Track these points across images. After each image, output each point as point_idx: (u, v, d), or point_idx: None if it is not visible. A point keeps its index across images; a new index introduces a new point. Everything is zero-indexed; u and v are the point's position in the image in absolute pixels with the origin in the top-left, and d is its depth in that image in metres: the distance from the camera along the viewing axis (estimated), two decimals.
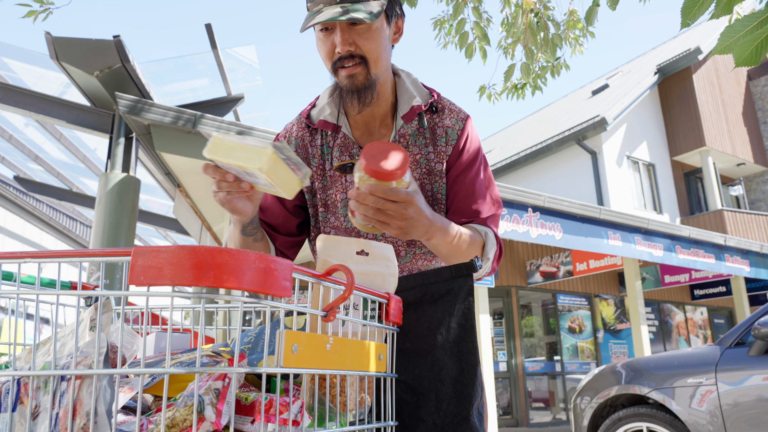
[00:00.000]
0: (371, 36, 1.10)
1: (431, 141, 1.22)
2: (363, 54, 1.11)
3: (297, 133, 1.26)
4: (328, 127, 1.21)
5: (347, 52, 1.09)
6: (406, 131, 1.20)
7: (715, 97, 14.30)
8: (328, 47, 1.11)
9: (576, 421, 4.06)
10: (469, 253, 1.15)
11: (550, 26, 3.90)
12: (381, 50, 1.13)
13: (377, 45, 1.12)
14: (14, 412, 0.66)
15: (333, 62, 1.12)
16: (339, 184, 1.22)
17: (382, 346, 0.84)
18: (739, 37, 1.09)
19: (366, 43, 1.10)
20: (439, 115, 1.23)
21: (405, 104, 1.21)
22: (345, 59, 1.10)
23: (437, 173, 1.21)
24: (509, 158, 14.40)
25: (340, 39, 1.08)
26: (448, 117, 1.23)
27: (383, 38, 1.13)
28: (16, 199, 10.68)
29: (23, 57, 4.93)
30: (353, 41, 1.09)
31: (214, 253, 0.55)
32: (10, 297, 0.69)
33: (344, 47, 1.09)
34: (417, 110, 1.20)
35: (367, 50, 1.11)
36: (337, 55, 1.10)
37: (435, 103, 1.23)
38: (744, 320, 3.52)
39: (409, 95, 1.21)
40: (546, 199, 6.78)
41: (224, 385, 0.63)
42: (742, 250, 9.30)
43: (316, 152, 1.24)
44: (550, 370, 9.55)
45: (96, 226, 4.29)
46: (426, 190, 1.21)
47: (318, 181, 1.24)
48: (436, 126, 1.23)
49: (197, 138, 4.49)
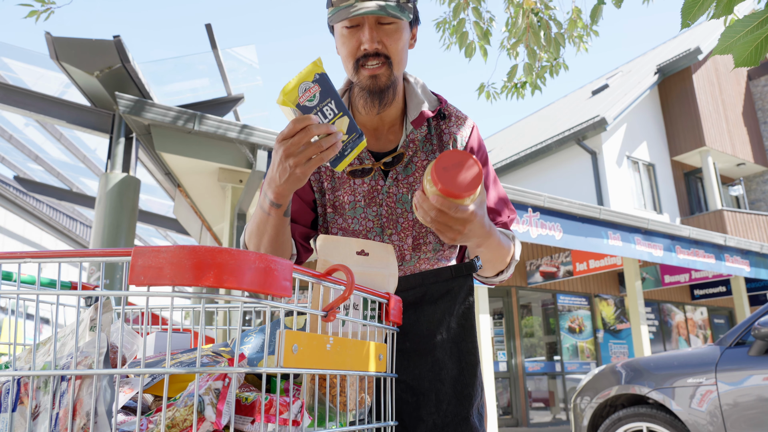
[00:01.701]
0: (399, 36, 1.11)
1: (438, 147, 1.23)
2: (389, 53, 1.11)
3: None
4: None
5: (374, 50, 1.10)
6: (416, 137, 1.21)
7: (715, 97, 14.30)
8: (352, 44, 1.11)
9: (576, 421, 4.06)
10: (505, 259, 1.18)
11: (552, 26, 3.90)
12: (403, 52, 1.14)
13: (402, 47, 1.13)
14: (14, 412, 0.66)
15: (356, 59, 1.12)
16: (347, 186, 1.22)
17: (382, 346, 0.84)
18: (739, 38, 1.09)
19: (393, 43, 1.10)
20: (446, 122, 1.24)
21: (414, 110, 1.21)
22: (370, 57, 1.10)
23: None
24: (509, 158, 14.40)
25: (368, 36, 1.08)
26: (455, 124, 1.24)
27: (406, 41, 1.14)
28: (16, 199, 10.68)
29: (23, 57, 4.94)
30: (381, 39, 1.09)
31: (214, 253, 0.55)
32: (10, 297, 0.69)
33: (372, 44, 1.09)
34: (426, 116, 1.20)
35: (393, 50, 1.11)
36: (362, 52, 1.10)
37: (443, 109, 1.24)
38: (744, 320, 3.52)
39: (418, 100, 1.22)
40: (546, 199, 6.78)
41: (224, 385, 0.63)
42: (742, 250, 9.30)
43: None
44: (550, 370, 9.55)
45: (96, 226, 4.29)
46: None
47: (327, 181, 1.24)
48: (442, 132, 1.23)
49: (197, 138, 4.49)
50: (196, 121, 4.36)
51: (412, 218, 1.21)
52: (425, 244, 1.22)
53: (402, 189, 1.21)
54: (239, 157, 4.64)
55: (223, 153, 4.59)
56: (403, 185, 1.21)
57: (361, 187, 1.21)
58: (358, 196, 1.21)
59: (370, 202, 1.21)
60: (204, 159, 4.56)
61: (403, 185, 1.21)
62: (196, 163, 4.76)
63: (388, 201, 1.21)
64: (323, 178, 1.25)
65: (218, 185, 5.49)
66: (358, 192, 1.21)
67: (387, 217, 1.21)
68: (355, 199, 1.21)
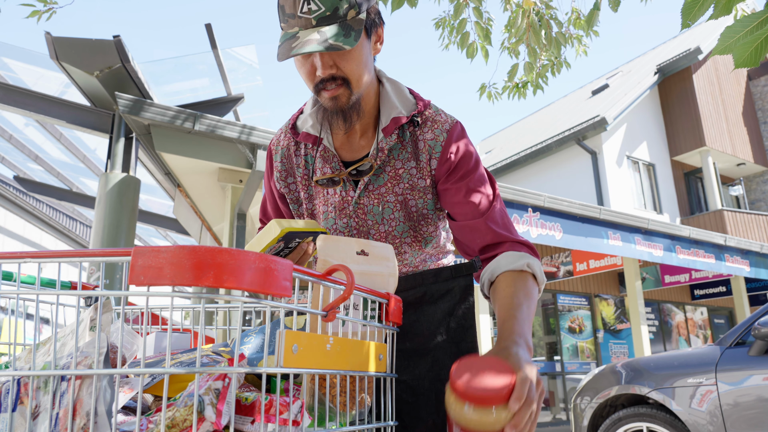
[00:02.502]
0: (352, 57, 1.05)
1: (413, 155, 1.16)
2: (345, 75, 1.06)
3: (283, 142, 1.25)
4: (309, 140, 1.18)
5: (329, 75, 1.05)
6: (385, 145, 1.15)
7: (715, 97, 14.30)
8: (307, 69, 1.06)
9: (576, 421, 4.06)
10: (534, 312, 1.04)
11: (552, 25, 3.90)
12: (363, 68, 1.07)
13: (358, 64, 1.06)
14: (14, 412, 0.66)
15: (315, 84, 1.07)
16: (322, 196, 1.20)
17: (382, 346, 0.84)
18: (739, 38, 1.09)
19: (347, 64, 1.05)
20: (420, 129, 1.16)
21: (385, 116, 1.15)
22: (327, 81, 1.06)
23: (420, 189, 1.17)
24: (509, 158, 14.40)
25: (320, 63, 1.03)
26: (430, 130, 1.16)
27: (364, 55, 1.08)
28: (16, 199, 10.68)
29: (23, 57, 4.93)
30: (333, 63, 1.04)
31: (214, 253, 0.55)
32: (10, 297, 0.69)
33: (325, 71, 1.04)
34: (399, 122, 1.14)
35: (348, 71, 1.05)
36: (318, 78, 1.06)
37: (417, 115, 1.16)
38: (744, 320, 3.52)
39: (391, 106, 1.15)
40: (546, 199, 6.78)
41: (224, 385, 0.63)
42: (742, 250, 9.30)
43: (301, 162, 1.22)
44: (550, 370, 9.55)
45: (96, 226, 4.29)
46: (410, 206, 1.17)
47: (303, 191, 1.23)
48: (417, 140, 1.16)
49: (197, 138, 4.49)
50: (196, 121, 4.36)
51: (384, 230, 1.17)
52: (401, 253, 1.20)
53: (372, 200, 1.16)
54: (239, 157, 4.64)
55: (223, 153, 4.59)
56: (373, 196, 1.16)
57: (333, 197, 1.18)
58: (330, 207, 1.19)
59: (340, 213, 1.18)
60: (204, 159, 4.56)
61: (374, 196, 1.16)
62: (196, 163, 4.76)
63: (357, 212, 1.17)
64: (299, 188, 1.24)
65: (218, 185, 5.49)
66: (330, 202, 1.19)
67: (357, 228, 1.18)
68: (327, 209, 1.19)
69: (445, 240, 1.28)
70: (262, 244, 1.02)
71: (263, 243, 1.02)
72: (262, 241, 1.03)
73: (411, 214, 1.18)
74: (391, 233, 1.18)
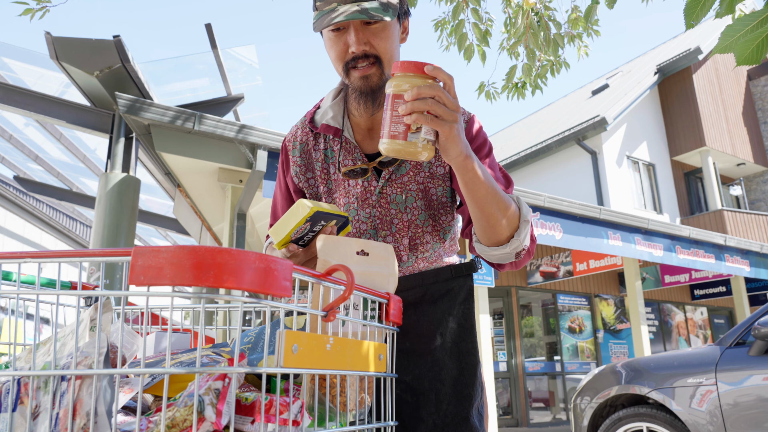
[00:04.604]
0: (386, 35, 1.08)
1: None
2: (378, 53, 1.08)
3: (301, 137, 1.25)
4: (330, 131, 1.19)
5: (362, 52, 1.07)
6: None
7: (715, 97, 14.30)
8: (340, 47, 1.08)
9: (576, 421, 4.06)
10: (505, 209, 1.02)
11: (551, 26, 3.90)
12: (394, 50, 1.10)
13: (391, 44, 1.09)
14: (14, 412, 0.66)
15: (345, 62, 1.09)
16: (342, 188, 1.21)
17: (382, 346, 0.84)
18: (740, 36, 1.09)
19: (381, 42, 1.07)
20: None
21: None
22: (359, 59, 1.07)
23: (439, 177, 1.19)
24: (509, 158, 14.40)
25: (354, 38, 1.05)
26: None
27: (396, 37, 1.11)
28: (16, 199, 10.68)
29: (23, 57, 4.93)
30: (368, 40, 1.06)
31: (214, 253, 0.55)
32: (10, 297, 0.69)
33: (359, 47, 1.06)
34: None
35: (381, 50, 1.08)
36: (350, 55, 1.07)
37: None
38: (744, 320, 3.52)
39: None
40: (546, 199, 6.78)
41: (224, 385, 0.63)
42: (742, 250, 9.30)
43: (320, 156, 1.22)
44: (550, 370, 9.55)
45: (96, 226, 4.29)
46: (431, 194, 1.19)
47: (323, 185, 1.23)
48: None
49: (197, 138, 4.49)
50: (196, 121, 4.36)
51: (407, 219, 1.18)
52: (422, 243, 1.20)
53: (395, 189, 1.18)
54: (239, 157, 4.64)
55: (223, 153, 4.59)
56: (396, 185, 1.18)
57: (355, 188, 1.19)
58: (351, 198, 1.19)
59: (363, 203, 1.18)
60: (204, 159, 4.56)
61: (397, 185, 1.18)
62: (196, 163, 4.76)
63: (381, 202, 1.18)
64: (318, 182, 1.24)
65: (218, 185, 5.49)
66: (351, 194, 1.19)
67: (380, 218, 1.18)
68: (349, 201, 1.20)
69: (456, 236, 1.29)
70: (290, 225, 0.99)
71: (291, 224, 0.99)
72: (289, 222, 0.99)
73: (431, 202, 1.20)
74: (413, 222, 1.18)
